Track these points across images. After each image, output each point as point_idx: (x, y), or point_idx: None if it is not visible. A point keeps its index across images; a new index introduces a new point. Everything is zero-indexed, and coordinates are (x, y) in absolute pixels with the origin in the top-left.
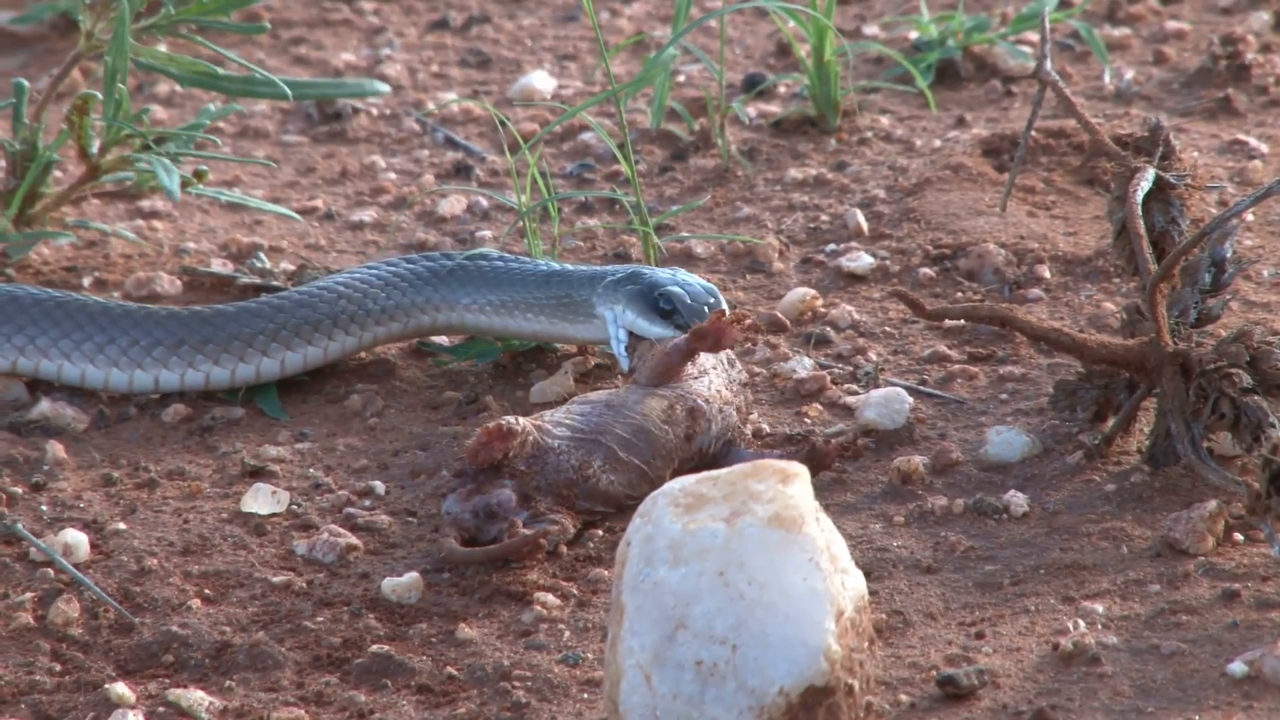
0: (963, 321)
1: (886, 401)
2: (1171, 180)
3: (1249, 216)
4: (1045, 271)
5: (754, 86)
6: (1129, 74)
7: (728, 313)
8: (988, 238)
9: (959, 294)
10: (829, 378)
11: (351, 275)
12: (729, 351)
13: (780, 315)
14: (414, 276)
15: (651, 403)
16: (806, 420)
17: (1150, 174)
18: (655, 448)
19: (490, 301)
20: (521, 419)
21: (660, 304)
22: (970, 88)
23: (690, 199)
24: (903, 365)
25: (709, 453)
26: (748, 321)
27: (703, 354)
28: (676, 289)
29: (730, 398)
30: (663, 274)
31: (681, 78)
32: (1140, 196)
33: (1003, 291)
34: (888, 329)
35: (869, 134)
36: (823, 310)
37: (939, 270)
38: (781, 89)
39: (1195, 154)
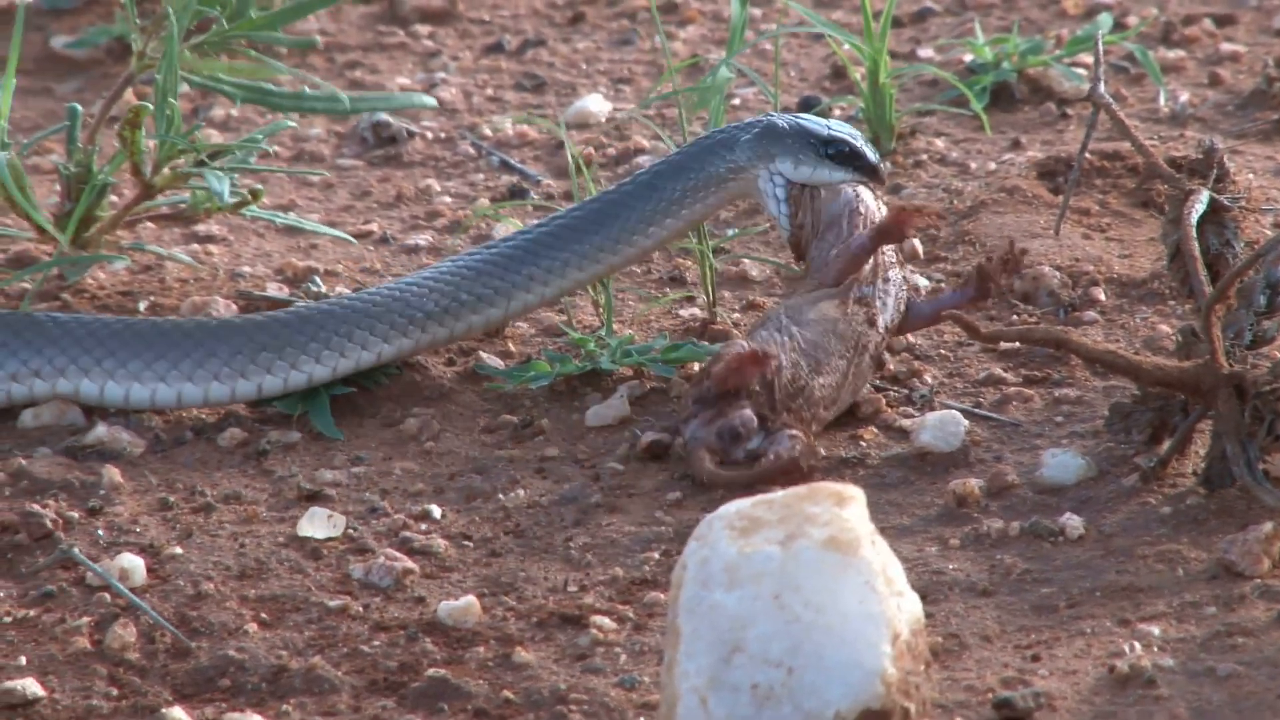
0: (1018, 344)
1: (942, 424)
2: (1226, 203)
3: None
4: (1100, 294)
5: (809, 109)
6: (1184, 96)
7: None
8: (1043, 260)
9: (1014, 316)
10: (884, 400)
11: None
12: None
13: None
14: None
15: (824, 305)
16: (862, 443)
17: (1205, 196)
18: (847, 341)
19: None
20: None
21: (829, 150)
22: (1025, 110)
23: (746, 222)
24: (958, 388)
25: (894, 325)
26: (927, 210)
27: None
28: (839, 134)
29: (889, 261)
30: (808, 121)
31: (736, 101)
32: (1195, 219)
33: (1058, 314)
34: (943, 351)
35: (924, 156)
36: None
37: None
38: (836, 112)
39: (1250, 176)
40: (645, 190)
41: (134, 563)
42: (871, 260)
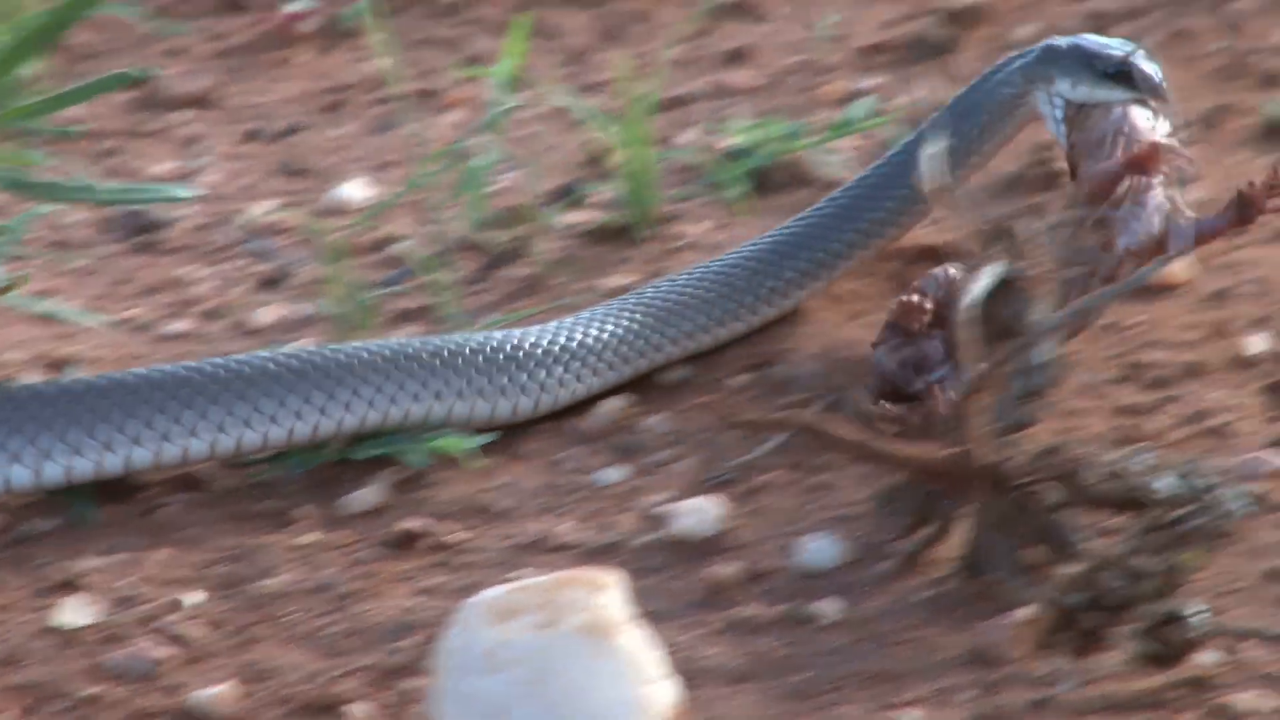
0: (777, 432)
1: (699, 510)
2: (1015, 273)
3: None
4: (853, 379)
5: (568, 195)
6: None
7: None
8: (802, 346)
9: (773, 402)
10: (640, 486)
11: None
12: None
13: (587, 428)
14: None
15: (1059, 233)
16: (619, 529)
17: (988, 273)
18: (1072, 266)
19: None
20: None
21: (1108, 69)
22: (785, 195)
23: (506, 308)
24: (715, 473)
25: (1145, 248)
26: (1180, 153)
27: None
28: (1119, 52)
29: (1147, 183)
30: (1087, 40)
31: (496, 186)
32: (970, 299)
33: (817, 400)
34: (701, 437)
35: (683, 241)
36: (635, 418)
37: (753, 377)
38: (596, 197)
39: None
40: (943, 135)
41: None
42: (1127, 183)
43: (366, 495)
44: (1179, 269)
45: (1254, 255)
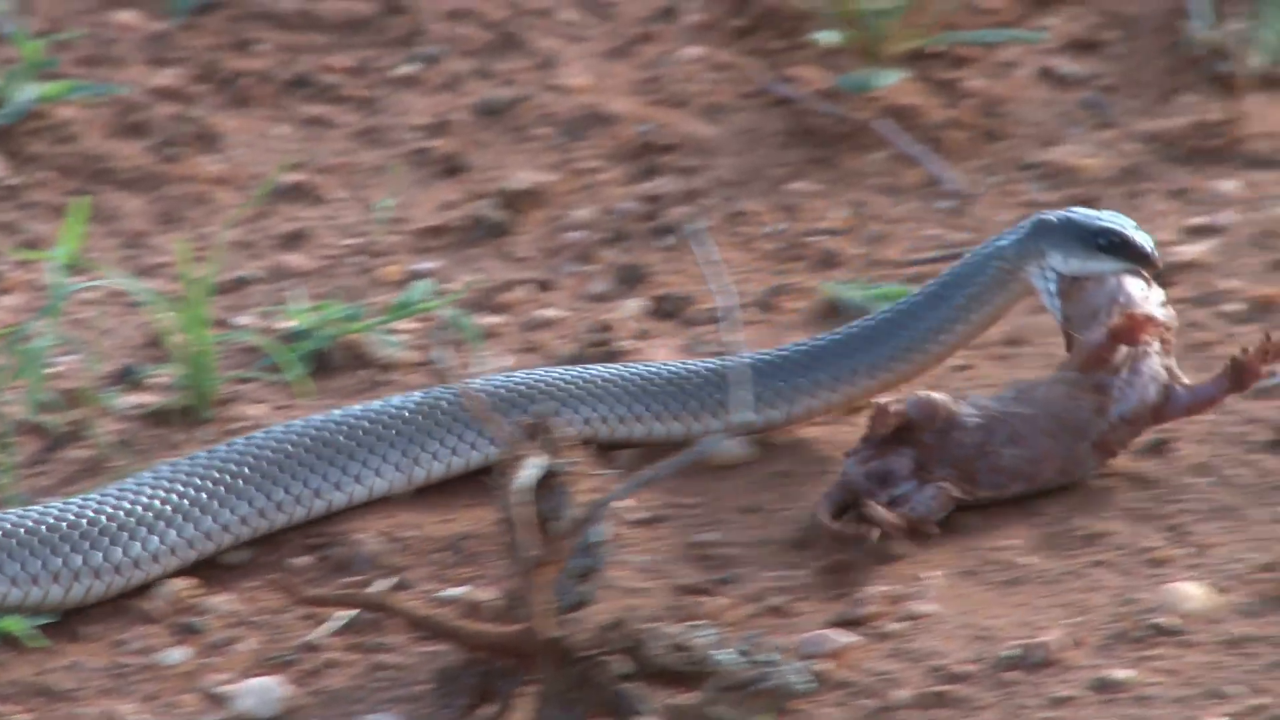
0: (340, 609)
1: (262, 691)
2: (557, 468)
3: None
4: (415, 559)
5: (127, 377)
6: (507, 360)
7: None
8: (364, 527)
9: (335, 582)
10: (203, 666)
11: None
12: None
13: (150, 608)
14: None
15: (1056, 387)
16: (180, 709)
17: (536, 461)
18: (1063, 422)
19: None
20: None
21: (1099, 241)
22: (344, 376)
23: (65, 490)
24: (277, 653)
25: (1140, 416)
26: (1163, 324)
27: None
28: (1109, 224)
29: (1143, 351)
30: (1078, 214)
31: (55, 368)
32: (523, 483)
33: (379, 578)
34: (262, 617)
35: (244, 423)
36: (197, 599)
37: (315, 558)
38: (156, 379)
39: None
40: (933, 301)
41: None
42: (1125, 352)
43: None
44: (736, 451)
45: (814, 434)
